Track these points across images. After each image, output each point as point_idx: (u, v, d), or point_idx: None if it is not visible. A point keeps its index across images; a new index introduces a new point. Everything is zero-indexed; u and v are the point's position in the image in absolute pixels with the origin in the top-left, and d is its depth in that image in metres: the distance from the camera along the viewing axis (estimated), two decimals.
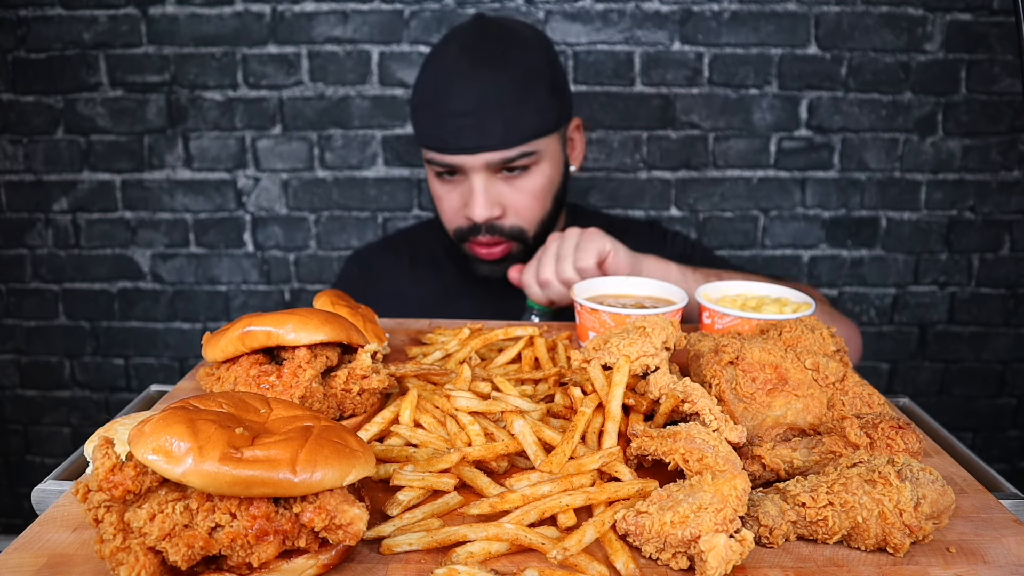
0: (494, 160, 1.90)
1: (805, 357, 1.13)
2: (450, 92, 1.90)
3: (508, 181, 1.96)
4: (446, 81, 1.91)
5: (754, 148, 3.06)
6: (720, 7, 2.94)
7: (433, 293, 2.23)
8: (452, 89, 1.90)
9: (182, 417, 0.78)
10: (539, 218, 2.03)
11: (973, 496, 1.00)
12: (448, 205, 2.03)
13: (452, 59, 1.92)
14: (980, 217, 3.12)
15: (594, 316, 1.41)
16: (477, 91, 1.87)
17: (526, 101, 1.91)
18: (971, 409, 3.32)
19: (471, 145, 1.88)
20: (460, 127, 1.88)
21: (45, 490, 1.03)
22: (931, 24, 2.94)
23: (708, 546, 0.79)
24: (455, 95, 1.89)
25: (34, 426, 3.36)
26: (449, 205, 2.03)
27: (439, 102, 1.91)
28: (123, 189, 3.10)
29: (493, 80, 1.88)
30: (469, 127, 1.87)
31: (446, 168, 1.95)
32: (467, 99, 1.88)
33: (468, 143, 1.88)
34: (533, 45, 1.98)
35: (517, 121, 1.90)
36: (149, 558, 0.74)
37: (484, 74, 1.89)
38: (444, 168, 1.96)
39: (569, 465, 0.98)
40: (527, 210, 2.00)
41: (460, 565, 0.80)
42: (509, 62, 1.92)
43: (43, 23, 2.94)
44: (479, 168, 1.91)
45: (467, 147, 1.88)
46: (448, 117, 1.89)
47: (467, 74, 1.89)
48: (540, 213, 2.03)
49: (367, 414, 1.15)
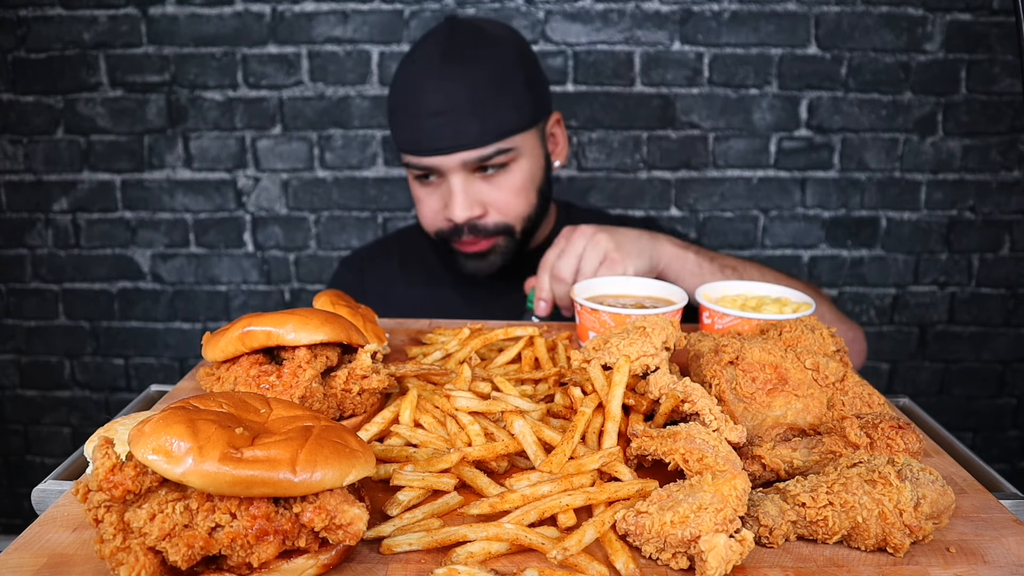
0: (470, 159, 1.88)
1: (805, 357, 1.13)
2: (423, 93, 1.88)
3: (487, 180, 1.94)
4: (419, 82, 1.90)
5: (754, 148, 3.06)
6: (720, 7, 2.94)
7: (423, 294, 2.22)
8: (425, 90, 1.88)
9: (182, 417, 0.78)
10: (524, 213, 2.00)
11: (973, 496, 1.00)
12: (428, 208, 2.01)
13: (424, 60, 1.91)
14: (980, 217, 3.12)
15: (594, 316, 1.41)
16: (449, 90, 1.86)
17: (500, 98, 1.89)
18: (971, 409, 3.32)
19: (446, 145, 1.86)
20: (434, 127, 1.86)
21: (45, 490, 1.03)
22: (931, 24, 2.94)
23: (708, 546, 0.79)
24: (428, 96, 1.87)
25: (34, 426, 3.36)
26: (429, 208, 2.01)
27: (413, 104, 1.90)
28: (123, 189, 3.10)
29: (465, 78, 1.87)
30: (443, 127, 1.86)
31: (424, 171, 1.95)
32: (440, 99, 1.86)
33: (443, 143, 1.86)
34: (504, 42, 1.97)
35: (492, 118, 1.87)
36: (149, 558, 0.74)
37: (456, 71, 1.87)
38: (422, 171, 1.95)
39: (569, 465, 0.98)
40: (510, 206, 1.97)
41: (460, 565, 0.80)
42: (480, 60, 1.90)
43: (43, 23, 2.94)
44: (456, 168, 1.89)
45: (442, 147, 1.87)
46: (422, 118, 1.87)
47: (439, 74, 1.88)
48: (525, 208, 2.00)
49: (367, 414, 1.15)
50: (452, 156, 1.87)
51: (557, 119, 2.14)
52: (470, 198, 1.92)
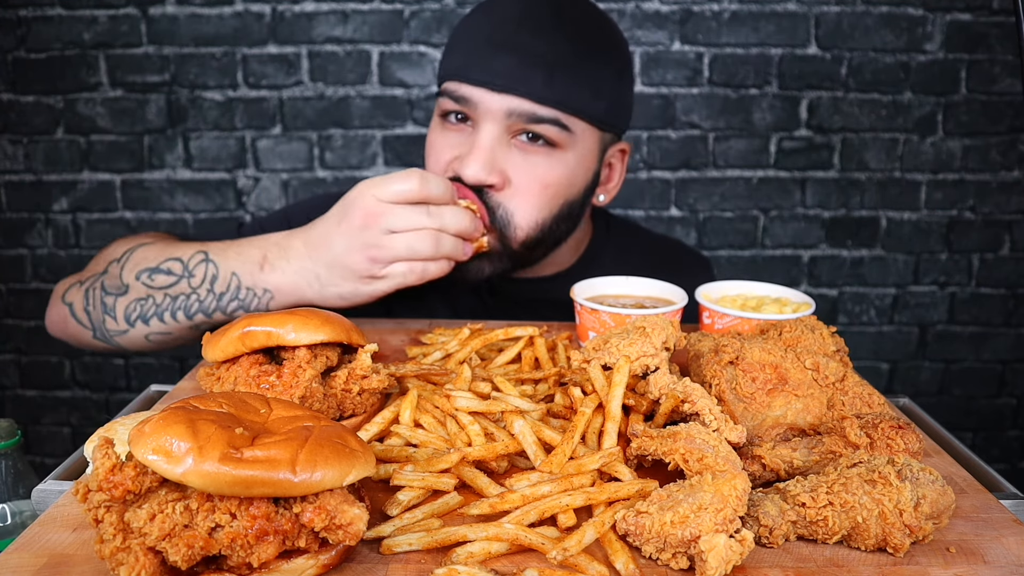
0: (520, 110, 1.55)
1: (805, 357, 1.13)
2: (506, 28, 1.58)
3: (523, 151, 1.60)
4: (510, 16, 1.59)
5: (754, 148, 3.06)
6: (720, 7, 2.94)
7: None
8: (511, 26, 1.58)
9: (182, 417, 0.78)
10: (537, 219, 1.62)
11: (973, 496, 1.00)
12: (437, 152, 1.66)
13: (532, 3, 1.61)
14: (980, 217, 3.13)
15: (594, 316, 1.41)
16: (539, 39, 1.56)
17: (587, 72, 1.59)
18: (971, 409, 3.32)
19: (500, 81, 1.54)
20: (500, 62, 1.55)
21: (45, 490, 1.03)
22: (931, 24, 2.94)
23: (708, 546, 0.79)
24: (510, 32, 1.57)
25: (34, 426, 3.36)
26: (438, 152, 1.65)
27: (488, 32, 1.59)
28: (123, 189, 3.10)
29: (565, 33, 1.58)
30: (510, 65, 1.54)
31: (458, 104, 1.60)
32: (522, 40, 1.55)
33: (500, 79, 1.54)
34: (621, 35, 1.73)
35: (566, 84, 1.56)
36: (149, 558, 0.74)
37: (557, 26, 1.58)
38: (455, 107, 1.61)
39: (569, 465, 0.98)
40: (529, 195, 1.61)
41: (460, 565, 0.80)
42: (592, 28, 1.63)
43: (43, 23, 2.94)
44: (497, 116, 1.56)
45: (496, 82, 1.54)
46: (490, 48, 1.56)
47: (539, 20, 1.58)
48: (541, 213, 1.62)
49: (367, 414, 1.15)
50: (502, 96, 1.55)
51: (623, 149, 1.80)
52: (492, 160, 1.57)
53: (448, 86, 1.61)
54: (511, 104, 1.55)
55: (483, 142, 1.57)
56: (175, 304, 1.53)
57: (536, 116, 1.55)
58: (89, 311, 1.60)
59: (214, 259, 1.52)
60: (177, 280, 1.54)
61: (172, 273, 1.54)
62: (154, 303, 1.55)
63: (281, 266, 1.48)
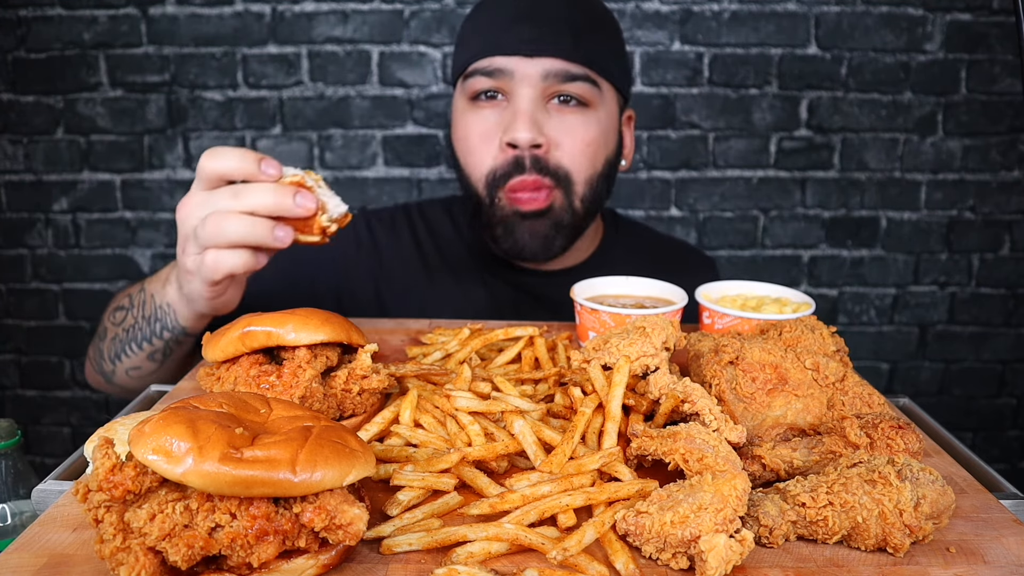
0: (555, 70, 1.58)
1: (805, 357, 1.13)
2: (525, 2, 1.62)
3: (560, 112, 1.64)
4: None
5: (754, 148, 3.06)
6: (720, 7, 2.94)
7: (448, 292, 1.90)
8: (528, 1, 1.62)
9: (182, 417, 0.78)
10: (588, 173, 1.68)
11: (973, 496, 1.00)
12: (479, 134, 1.66)
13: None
14: (980, 217, 3.13)
15: (594, 316, 1.41)
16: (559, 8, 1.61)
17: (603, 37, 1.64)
18: (971, 409, 3.32)
19: (532, 47, 1.57)
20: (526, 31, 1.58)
21: (45, 490, 1.03)
22: (931, 24, 2.94)
23: (708, 546, 0.79)
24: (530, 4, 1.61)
25: (34, 426, 3.36)
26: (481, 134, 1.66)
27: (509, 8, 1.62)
28: (123, 189, 3.10)
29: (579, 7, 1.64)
30: (537, 32, 1.58)
31: (491, 82, 1.62)
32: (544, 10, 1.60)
33: (529, 46, 1.57)
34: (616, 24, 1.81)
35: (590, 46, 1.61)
36: (149, 558, 0.74)
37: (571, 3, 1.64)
38: (488, 83, 1.63)
39: (569, 465, 0.98)
40: (576, 151, 1.64)
41: (460, 565, 0.80)
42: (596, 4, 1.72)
43: (43, 23, 2.94)
44: (533, 81, 1.59)
45: (527, 48, 1.57)
46: (515, 20, 1.60)
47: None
48: (589, 167, 1.68)
49: (367, 414, 1.15)
50: (535, 60, 1.58)
51: (631, 116, 1.88)
52: (537, 122, 1.60)
53: (478, 64, 1.64)
54: (545, 66, 1.59)
55: (524, 106, 1.60)
56: (129, 336, 1.55)
57: (570, 74, 1.60)
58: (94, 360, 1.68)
59: (146, 286, 1.55)
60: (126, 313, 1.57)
61: (123, 308, 1.58)
62: (119, 340, 1.58)
63: (173, 278, 1.45)
